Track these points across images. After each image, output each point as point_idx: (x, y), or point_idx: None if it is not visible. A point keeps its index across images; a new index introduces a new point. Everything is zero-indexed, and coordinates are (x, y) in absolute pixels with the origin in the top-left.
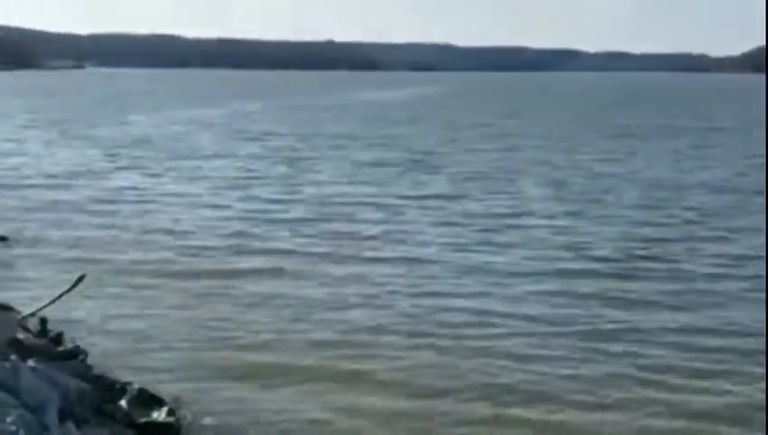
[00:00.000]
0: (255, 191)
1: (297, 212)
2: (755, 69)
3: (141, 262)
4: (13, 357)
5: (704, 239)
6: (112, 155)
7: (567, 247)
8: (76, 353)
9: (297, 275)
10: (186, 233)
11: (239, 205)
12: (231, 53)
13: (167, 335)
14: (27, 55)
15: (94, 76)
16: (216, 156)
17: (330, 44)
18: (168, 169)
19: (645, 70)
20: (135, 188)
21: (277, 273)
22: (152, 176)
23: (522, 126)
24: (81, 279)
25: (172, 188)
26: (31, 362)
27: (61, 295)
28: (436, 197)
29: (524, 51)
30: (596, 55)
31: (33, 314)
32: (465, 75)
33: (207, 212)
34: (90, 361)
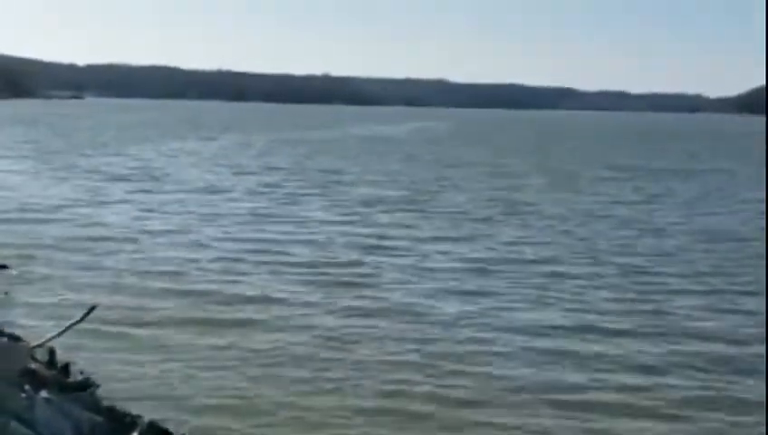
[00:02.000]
0: (247, 230)
1: (288, 252)
2: (750, 110)
3: (144, 294)
4: (27, 388)
5: (695, 294)
6: (106, 186)
7: (555, 298)
8: (86, 386)
9: (284, 322)
10: (180, 273)
11: (229, 245)
12: (228, 84)
13: (172, 372)
14: (25, 84)
15: (91, 106)
16: (211, 190)
17: (326, 78)
18: (162, 204)
19: (641, 110)
20: (126, 225)
21: (269, 318)
22: (145, 211)
23: (519, 165)
24: (92, 310)
25: (163, 224)
26: (44, 394)
27: (71, 325)
28: (434, 239)
29: (520, 88)
30: (592, 94)
31: (41, 345)
32: (461, 112)
33: (202, 251)
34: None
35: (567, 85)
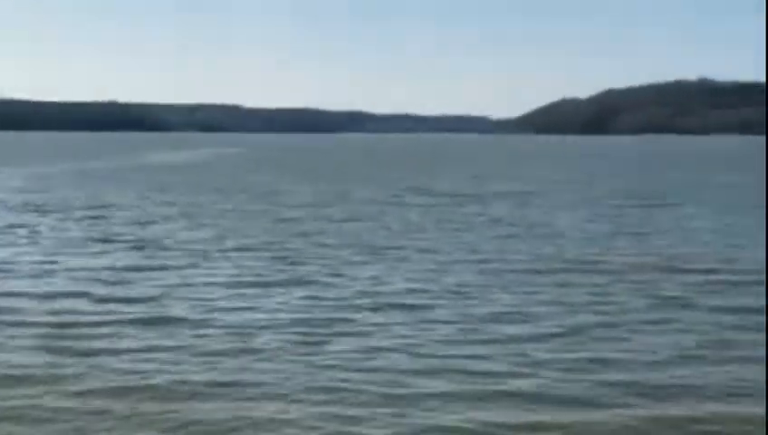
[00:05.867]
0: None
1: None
2: (531, 129)
3: None
4: None
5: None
6: None
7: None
8: None
9: None
10: None
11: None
12: (7, 114)
13: None
14: None
15: None
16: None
17: (114, 105)
18: None
19: (431, 131)
20: None
21: None
22: None
23: (309, 191)
24: None
25: None
26: None
27: None
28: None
29: (315, 112)
30: (386, 117)
31: None
32: (257, 137)
33: None
34: None
35: (362, 109)
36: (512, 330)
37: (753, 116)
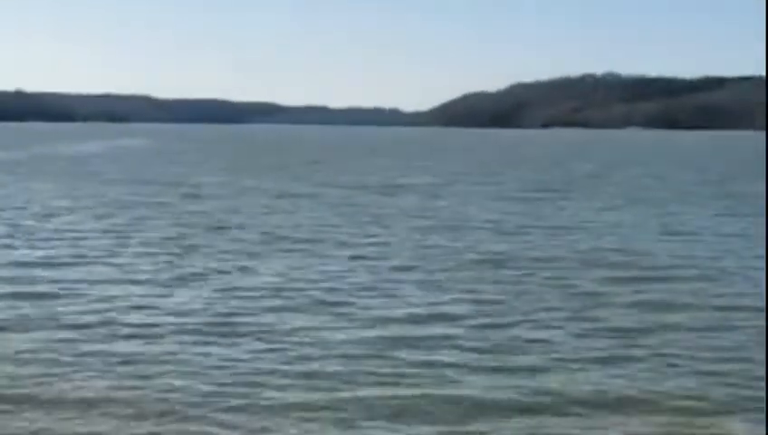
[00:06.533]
0: None
1: None
2: (442, 122)
3: None
4: None
5: None
6: None
7: None
8: None
9: None
10: None
11: None
12: None
13: None
14: None
15: None
16: None
17: (19, 94)
18: None
19: (342, 123)
20: None
21: None
22: None
23: (216, 183)
24: None
25: None
26: None
27: None
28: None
29: (226, 103)
30: (297, 109)
31: None
32: (166, 127)
33: None
34: None
35: (272, 100)
36: (419, 331)
37: (657, 110)
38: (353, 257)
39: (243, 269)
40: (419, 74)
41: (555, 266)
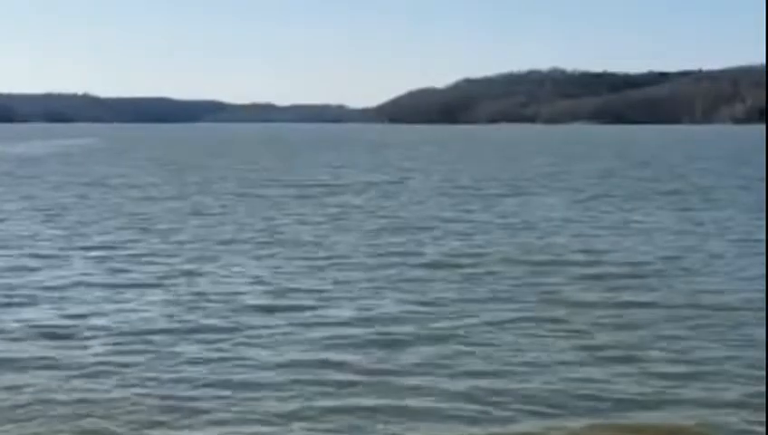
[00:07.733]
0: None
1: None
2: (390, 118)
3: None
4: None
5: None
6: None
7: None
8: None
9: None
10: None
11: None
12: None
13: None
14: None
15: None
16: None
17: None
18: None
19: (289, 121)
20: None
21: None
22: None
23: (165, 184)
24: None
25: None
26: None
27: None
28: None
29: (168, 102)
30: (241, 107)
31: None
32: (108, 127)
33: None
34: None
35: (216, 99)
36: (373, 335)
37: (603, 105)
38: (304, 258)
39: (188, 274)
40: (366, 71)
41: (513, 265)
